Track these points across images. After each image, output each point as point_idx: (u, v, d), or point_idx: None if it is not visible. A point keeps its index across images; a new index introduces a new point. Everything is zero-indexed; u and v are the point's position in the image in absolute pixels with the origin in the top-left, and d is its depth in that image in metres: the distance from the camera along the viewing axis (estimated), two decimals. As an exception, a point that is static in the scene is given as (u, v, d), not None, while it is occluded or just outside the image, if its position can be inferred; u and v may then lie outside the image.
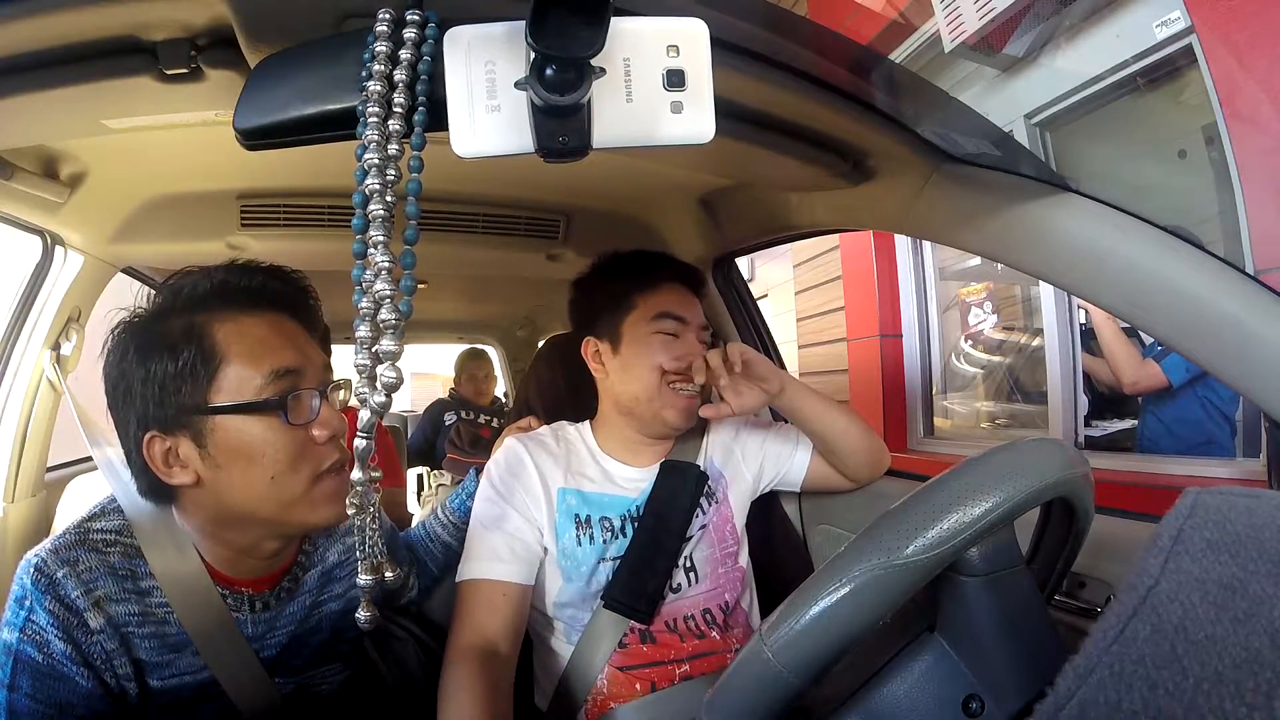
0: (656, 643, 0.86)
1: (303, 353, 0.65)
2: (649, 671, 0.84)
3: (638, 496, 0.91)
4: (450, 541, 0.96)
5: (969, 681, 0.46)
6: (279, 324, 0.65)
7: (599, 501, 0.90)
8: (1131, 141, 2.02)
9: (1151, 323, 0.65)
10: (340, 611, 0.77)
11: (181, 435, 0.60)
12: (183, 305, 0.63)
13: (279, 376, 0.62)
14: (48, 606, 0.57)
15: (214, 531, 0.65)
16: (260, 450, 0.61)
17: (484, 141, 0.39)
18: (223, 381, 0.60)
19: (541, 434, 0.96)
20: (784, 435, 1.03)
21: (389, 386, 0.38)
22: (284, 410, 0.61)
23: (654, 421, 0.91)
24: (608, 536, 0.88)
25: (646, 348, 0.90)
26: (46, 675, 0.57)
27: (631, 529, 0.89)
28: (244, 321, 0.63)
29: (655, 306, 0.91)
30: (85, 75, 0.53)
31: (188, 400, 0.60)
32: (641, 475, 0.94)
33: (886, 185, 0.80)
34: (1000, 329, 2.61)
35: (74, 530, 0.63)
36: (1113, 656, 0.28)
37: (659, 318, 0.91)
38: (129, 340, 0.62)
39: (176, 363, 0.60)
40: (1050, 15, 2.08)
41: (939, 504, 0.42)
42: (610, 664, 0.84)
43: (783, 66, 0.57)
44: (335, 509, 0.65)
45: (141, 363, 0.60)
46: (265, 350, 0.62)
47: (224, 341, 0.61)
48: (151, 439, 0.60)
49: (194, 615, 0.63)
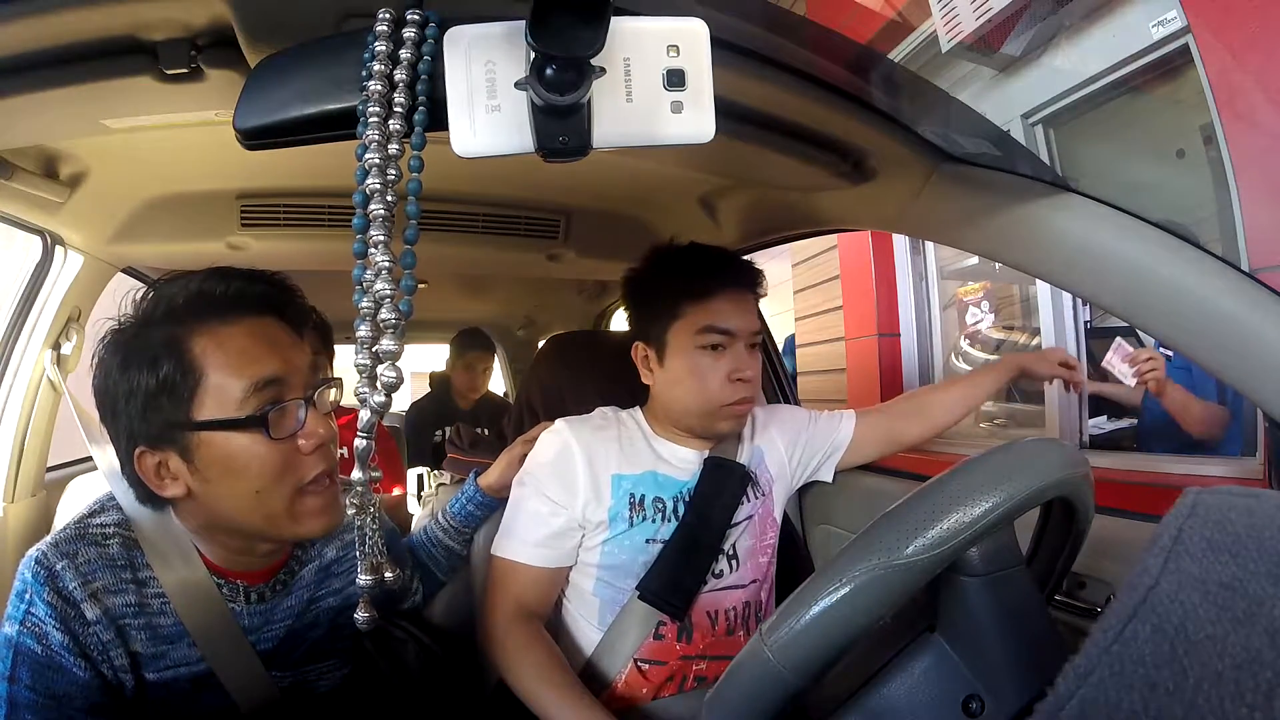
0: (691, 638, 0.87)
1: (286, 358, 0.63)
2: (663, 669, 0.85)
3: (689, 479, 0.92)
4: (453, 545, 0.96)
5: (969, 681, 0.46)
6: (260, 329, 0.63)
7: (654, 481, 0.90)
8: (1131, 141, 2.02)
9: (1151, 322, 0.65)
10: (338, 608, 0.77)
11: (169, 450, 0.60)
12: (162, 316, 0.62)
13: (261, 388, 0.60)
14: (46, 598, 0.58)
15: (209, 535, 0.66)
16: (244, 464, 0.60)
17: (484, 141, 0.39)
18: (204, 396, 0.59)
19: (589, 418, 0.95)
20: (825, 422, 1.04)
21: (389, 386, 0.38)
22: (265, 427, 0.60)
23: (705, 431, 0.91)
24: (658, 517, 0.88)
25: (693, 363, 0.87)
26: (45, 666, 0.58)
27: (683, 509, 0.89)
28: (222, 332, 0.61)
29: (703, 318, 0.87)
30: (85, 75, 0.53)
31: (171, 416, 0.59)
32: (694, 458, 0.93)
33: (886, 185, 0.80)
34: (998, 328, 2.61)
35: (74, 525, 0.64)
36: (1113, 656, 0.28)
37: (705, 331, 0.87)
38: (112, 353, 0.61)
39: (157, 377, 0.59)
40: (1047, 15, 2.08)
41: (939, 504, 0.42)
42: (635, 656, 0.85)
43: (783, 66, 0.57)
44: (322, 521, 0.64)
45: (124, 377, 0.60)
46: (245, 361, 0.60)
47: (202, 354, 0.59)
48: (142, 454, 0.60)
49: (190, 606, 0.64)
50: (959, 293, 2.77)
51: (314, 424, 0.63)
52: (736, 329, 0.88)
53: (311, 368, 0.66)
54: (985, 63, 2.28)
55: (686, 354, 0.88)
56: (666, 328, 0.89)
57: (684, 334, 0.88)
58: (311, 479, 0.63)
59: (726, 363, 0.87)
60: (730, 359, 0.87)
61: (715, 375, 0.87)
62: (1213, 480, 1.67)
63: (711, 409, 0.88)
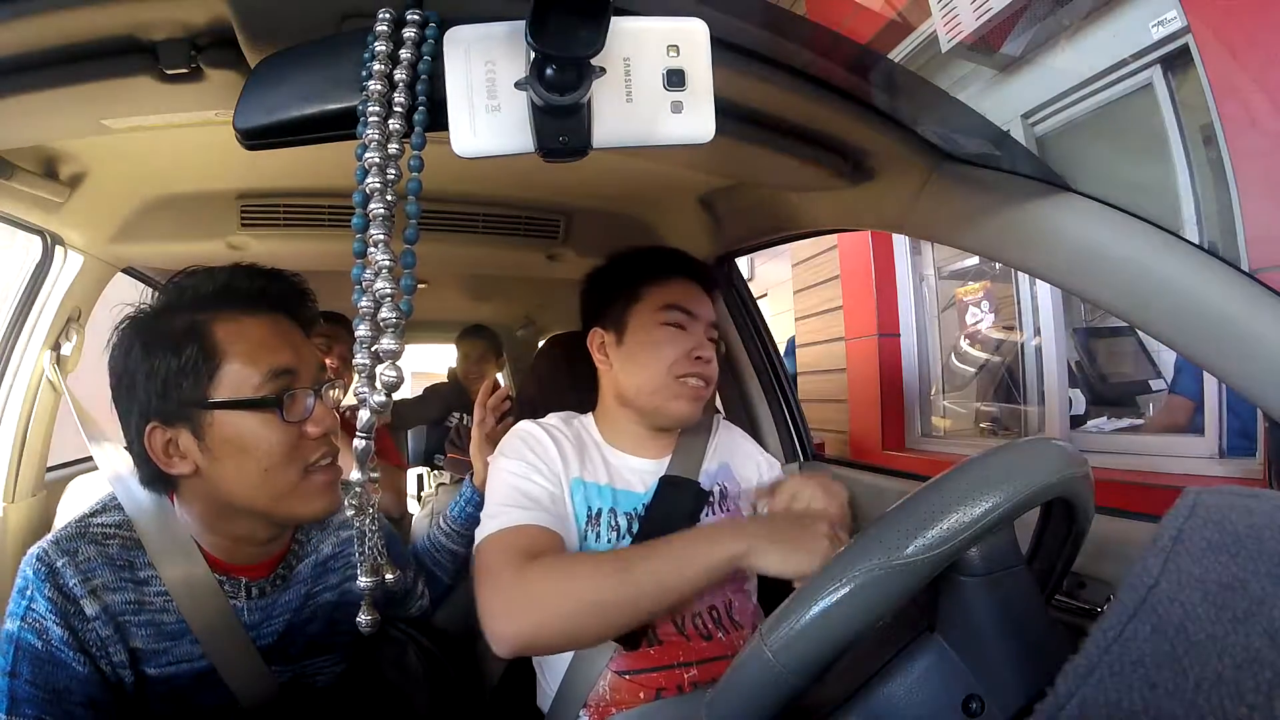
0: (662, 644, 0.84)
1: (299, 354, 0.67)
2: (655, 676, 0.82)
3: (646, 493, 0.89)
4: (456, 549, 0.97)
5: (969, 681, 0.46)
6: (278, 325, 0.68)
7: (609, 496, 0.88)
8: (1130, 140, 2.02)
9: (1151, 322, 0.65)
10: (334, 603, 0.78)
11: (181, 427, 0.63)
12: (187, 304, 0.66)
13: (276, 376, 0.64)
14: (47, 594, 0.60)
15: (211, 522, 0.68)
16: (255, 444, 0.63)
17: (484, 141, 0.39)
18: (223, 378, 0.63)
19: (551, 420, 0.94)
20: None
21: (389, 386, 0.38)
22: (280, 408, 0.64)
23: (657, 414, 0.89)
24: (613, 536, 0.86)
25: (652, 338, 0.88)
26: (45, 661, 0.59)
27: (638, 527, 0.87)
28: (245, 322, 0.65)
29: (664, 298, 0.89)
30: (85, 75, 0.53)
31: (189, 395, 0.62)
32: (649, 467, 0.92)
33: (886, 185, 0.80)
34: (998, 328, 2.61)
35: (75, 524, 0.66)
36: (1113, 656, 0.28)
37: (667, 308, 0.89)
38: (134, 336, 0.65)
39: (179, 359, 0.62)
40: (1047, 15, 2.08)
41: (939, 504, 0.42)
42: (613, 668, 0.82)
43: (783, 66, 0.57)
44: (325, 501, 0.68)
45: (146, 358, 0.63)
46: (264, 350, 0.65)
47: (225, 341, 0.64)
48: (153, 430, 0.63)
49: (193, 603, 0.65)
50: (959, 293, 2.78)
51: (321, 412, 0.67)
52: (697, 312, 0.90)
53: (319, 367, 0.70)
54: (985, 63, 2.28)
55: (648, 330, 0.88)
56: (627, 309, 0.90)
57: (645, 313, 0.89)
58: (314, 461, 0.67)
59: (688, 339, 0.88)
60: (691, 338, 0.88)
61: (675, 348, 0.87)
62: (1215, 481, 1.67)
63: (669, 381, 0.87)
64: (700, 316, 0.90)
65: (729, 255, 1.32)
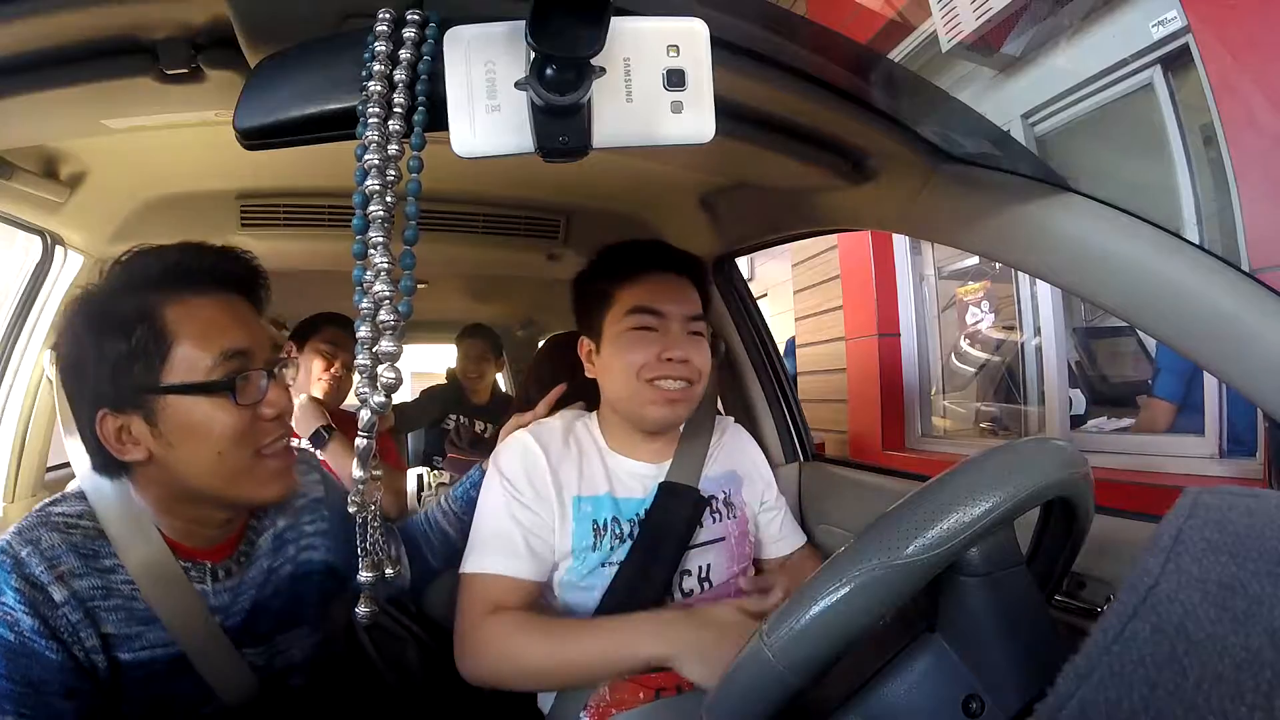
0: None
1: (252, 333, 0.66)
2: (655, 677, 0.83)
3: (646, 498, 0.89)
4: (450, 532, 0.95)
5: (969, 681, 0.46)
6: (229, 305, 0.66)
7: (611, 503, 0.88)
8: (1130, 141, 2.02)
9: (1151, 322, 0.65)
10: (292, 575, 0.77)
11: (133, 414, 0.62)
12: (136, 285, 0.64)
13: (228, 357, 0.63)
14: (14, 585, 0.58)
15: (169, 506, 0.67)
16: (208, 428, 0.62)
17: (484, 141, 0.39)
18: (174, 362, 0.62)
19: (552, 427, 0.92)
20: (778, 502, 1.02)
21: (389, 387, 0.39)
22: (233, 391, 0.63)
23: (638, 420, 0.88)
24: (615, 542, 0.86)
25: (619, 346, 0.86)
26: (19, 653, 0.58)
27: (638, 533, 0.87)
28: (195, 303, 0.64)
29: (631, 300, 0.87)
30: (85, 75, 0.53)
31: (139, 380, 0.61)
32: (649, 472, 0.91)
33: (886, 185, 0.80)
34: (998, 328, 2.61)
35: (35, 514, 0.64)
36: (1113, 656, 0.28)
37: (632, 313, 0.86)
38: (82, 319, 0.63)
39: (129, 343, 0.61)
40: (1047, 15, 2.08)
41: (939, 504, 0.42)
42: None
43: (783, 66, 0.57)
44: (280, 484, 0.68)
45: (94, 342, 0.61)
46: (215, 331, 0.63)
47: (175, 322, 0.62)
48: (104, 417, 0.62)
49: (158, 590, 0.64)
50: (959, 293, 2.77)
51: (275, 394, 0.66)
52: (666, 310, 0.86)
53: (273, 346, 0.69)
54: (985, 63, 2.28)
55: (618, 338, 0.86)
56: (602, 317, 0.89)
57: (615, 320, 0.87)
58: (269, 443, 0.66)
59: (656, 342, 0.85)
60: (660, 340, 0.85)
61: (643, 352, 0.84)
62: (1215, 481, 1.68)
63: (640, 386, 0.85)
64: (670, 314, 0.87)
65: (729, 255, 1.32)
